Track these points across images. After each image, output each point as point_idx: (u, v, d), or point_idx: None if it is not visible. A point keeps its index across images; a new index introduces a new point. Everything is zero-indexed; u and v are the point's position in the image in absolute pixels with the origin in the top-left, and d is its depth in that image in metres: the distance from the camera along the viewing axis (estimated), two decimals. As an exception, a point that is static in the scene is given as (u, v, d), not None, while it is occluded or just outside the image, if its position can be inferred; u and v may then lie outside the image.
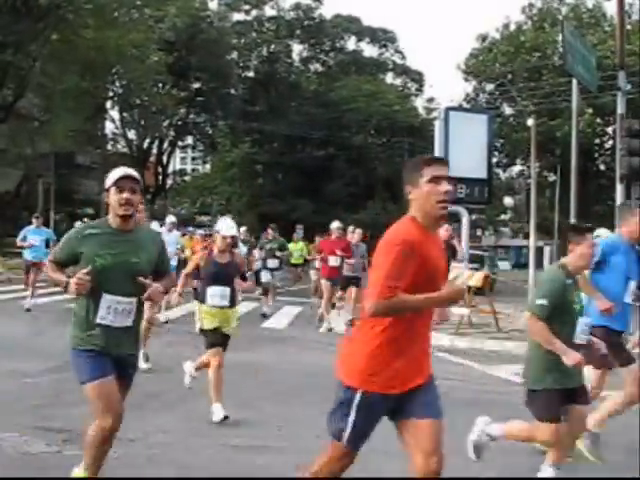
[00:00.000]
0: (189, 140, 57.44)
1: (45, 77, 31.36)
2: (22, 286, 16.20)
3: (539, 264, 20.49)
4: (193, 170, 74.20)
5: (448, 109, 16.82)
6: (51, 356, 9.17)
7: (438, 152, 15.56)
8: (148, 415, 6.53)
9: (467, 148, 15.38)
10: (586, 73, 15.44)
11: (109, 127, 49.54)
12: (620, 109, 14.15)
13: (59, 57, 30.19)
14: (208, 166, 64.19)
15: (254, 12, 54.90)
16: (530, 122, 28.61)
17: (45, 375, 8.05)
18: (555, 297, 4.49)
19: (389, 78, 59.33)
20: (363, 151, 49.40)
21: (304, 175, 48.92)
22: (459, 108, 26.83)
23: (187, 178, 67.53)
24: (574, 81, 15.52)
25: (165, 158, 54.15)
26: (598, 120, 35.02)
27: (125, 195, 3.99)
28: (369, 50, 59.61)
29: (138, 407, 6.78)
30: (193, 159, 75.35)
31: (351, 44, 59.04)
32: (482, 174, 16.03)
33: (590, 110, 30.37)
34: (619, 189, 13.81)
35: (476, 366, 10.17)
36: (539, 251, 21.83)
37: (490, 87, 40.43)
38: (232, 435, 5.68)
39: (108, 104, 45.63)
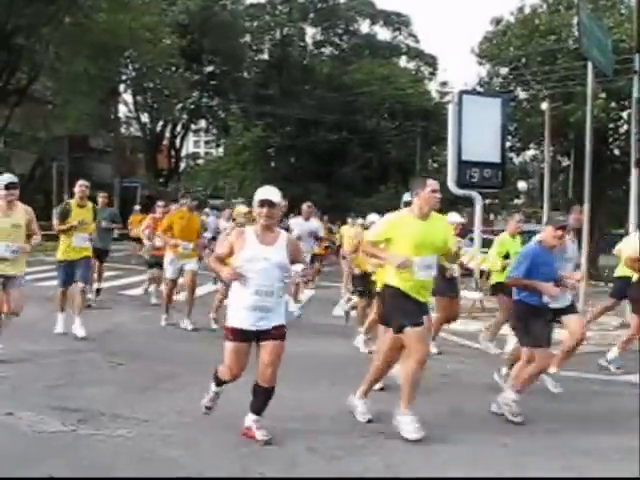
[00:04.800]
0: (202, 123, 57.36)
1: (58, 61, 31.35)
2: (39, 267, 16.07)
3: (552, 249, 20.41)
4: (206, 154, 74.21)
5: (462, 92, 16.71)
6: (64, 338, 9.27)
7: (451, 136, 15.51)
8: (161, 396, 6.60)
9: (481, 132, 15.30)
10: (602, 57, 15.27)
11: (122, 110, 49.54)
12: (636, 93, 13.99)
13: (72, 40, 30.09)
14: (221, 149, 64.20)
15: (267, -5, 54.73)
16: (544, 106, 28.41)
17: (59, 356, 8.13)
18: None
19: (402, 62, 58.98)
20: (376, 135, 49.18)
21: (317, 159, 48.83)
22: (473, 92, 26.61)
23: (200, 161, 67.59)
24: (589, 65, 15.37)
25: (178, 141, 54.23)
26: (612, 104, 34.72)
27: None
28: (383, 33, 59.45)
29: (151, 388, 6.86)
30: (206, 142, 75.37)
31: (365, 27, 58.87)
32: (496, 158, 15.95)
33: (603, 94, 30.07)
34: (634, 174, 13.71)
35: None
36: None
37: (504, 71, 40.03)
38: (245, 417, 5.69)
39: (121, 87, 45.49)
